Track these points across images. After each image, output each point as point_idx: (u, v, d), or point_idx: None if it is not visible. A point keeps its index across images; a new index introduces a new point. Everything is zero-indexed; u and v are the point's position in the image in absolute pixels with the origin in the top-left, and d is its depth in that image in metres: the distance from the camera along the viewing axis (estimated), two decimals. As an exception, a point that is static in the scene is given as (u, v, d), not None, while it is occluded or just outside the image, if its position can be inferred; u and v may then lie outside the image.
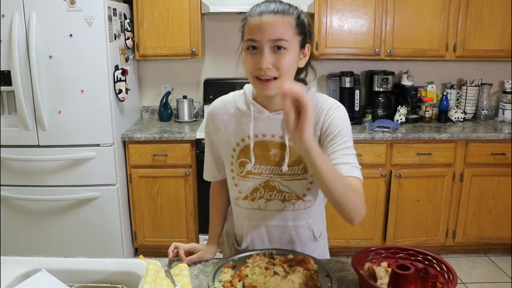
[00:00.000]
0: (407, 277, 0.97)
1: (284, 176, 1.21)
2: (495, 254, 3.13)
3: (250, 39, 1.08)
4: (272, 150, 1.20)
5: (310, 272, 1.12)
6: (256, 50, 1.08)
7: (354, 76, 3.14)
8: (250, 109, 1.20)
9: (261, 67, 1.06)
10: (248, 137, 1.20)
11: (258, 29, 1.06)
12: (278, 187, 1.23)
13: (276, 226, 1.28)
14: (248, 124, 1.20)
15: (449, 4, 2.95)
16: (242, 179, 1.25)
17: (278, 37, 1.05)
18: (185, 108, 3.21)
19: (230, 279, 1.11)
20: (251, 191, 1.25)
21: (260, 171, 1.22)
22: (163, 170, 2.88)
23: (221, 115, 1.26)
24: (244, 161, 1.22)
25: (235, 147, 1.23)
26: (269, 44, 1.06)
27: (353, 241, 3.02)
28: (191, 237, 3.01)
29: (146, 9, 2.92)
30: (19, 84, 2.52)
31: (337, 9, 2.97)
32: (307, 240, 1.31)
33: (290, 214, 1.26)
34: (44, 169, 2.70)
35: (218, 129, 1.26)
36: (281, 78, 1.08)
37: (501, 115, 3.25)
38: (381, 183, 2.91)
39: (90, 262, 1.17)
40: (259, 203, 1.26)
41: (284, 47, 1.06)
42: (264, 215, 1.27)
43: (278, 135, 1.19)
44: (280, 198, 1.24)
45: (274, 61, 1.06)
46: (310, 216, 1.28)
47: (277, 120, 1.19)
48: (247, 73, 1.13)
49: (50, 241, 2.81)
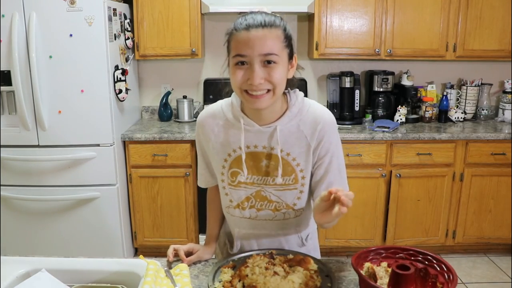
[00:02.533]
0: (407, 277, 0.97)
1: (275, 186, 1.22)
2: (495, 254, 3.13)
3: (238, 55, 1.05)
4: (264, 161, 1.21)
5: (310, 272, 1.12)
6: (245, 66, 1.06)
7: (354, 76, 3.14)
8: (240, 122, 1.19)
9: (253, 83, 1.04)
10: (240, 148, 1.20)
11: (247, 44, 1.03)
12: (269, 197, 1.24)
13: (266, 235, 1.30)
14: (239, 136, 1.19)
15: (449, 4, 2.95)
16: (233, 189, 1.25)
17: (268, 51, 1.04)
18: (185, 108, 3.21)
19: (230, 279, 1.11)
20: (242, 200, 1.26)
21: (252, 180, 1.23)
22: (163, 170, 2.88)
23: (211, 126, 1.24)
24: (236, 171, 1.22)
25: (227, 157, 1.23)
26: (259, 58, 1.04)
27: (353, 241, 3.02)
28: (191, 237, 3.01)
29: (146, 9, 2.92)
30: (19, 84, 2.52)
31: (337, 9, 2.97)
32: (295, 246, 1.32)
33: (280, 223, 1.28)
34: (44, 169, 2.70)
35: (208, 140, 1.25)
36: (275, 90, 1.07)
37: (501, 115, 3.25)
38: (381, 183, 2.91)
39: (90, 262, 1.17)
40: (250, 212, 1.27)
41: (275, 61, 1.05)
42: (254, 224, 1.29)
43: (269, 147, 1.19)
44: (271, 208, 1.25)
45: (266, 75, 1.05)
46: (299, 224, 1.31)
47: (267, 133, 1.18)
48: (234, 87, 1.10)
49: (50, 241, 2.81)
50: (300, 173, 1.21)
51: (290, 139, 1.18)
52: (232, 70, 1.09)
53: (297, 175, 1.20)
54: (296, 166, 1.20)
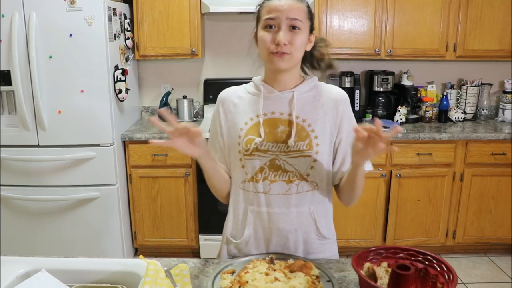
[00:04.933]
0: (407, 277, 0.97)
1: (289, 154, 1.25)
2: (495, 254, 3.13)
3: (269, 18, 1.19)
4: (280, 127, 1.26)
5: (311, 278, 1.10)
6: (273, 29, 1.19)
7: (354, 76, 3.14)
8: (260, 90, 1.28)
9: (279, 42, 1.16)
10: (257, 116, 1.27)
11: (276, 8, 1.18)
12: (283, 166, 1.26)
13: (278, 214, 1.28)
14: (258, 104, 1.28)
15: (449, 4, 2.95)
16: (248, 158, 1.27)
17: (295, 16, 1.18)
18: (185, 108, 3.21)
19: (230, 285, 1.08)
20: (256, 172, 1.27)
21: (266, 148, 1.26)
22: (163, 170, 2.88)
23: (232, 98, 1.33)
24: (251, 138, 1.26)
25: (243, 126, 1.28)
26: (287, 22, 1.18)
27: (353, 241, 3.02)
28: (191, 237, 3.01)
29: (146, 9, 2.92)
30: (19, 84, 2.52)
31: (337, 9, 2.97)
32: (310, 231, 1.30)
33: (294, 198, 1.27)
34: (44, 169, 2.70)
35: (228, 111, 1.32)
36: (294, 53, 1.19)
37: (501, 115, 3.25)
38: (381, 183, 2.91)
39: (90, 262, 1.17)
40: (263, 185, 1.27)
41: (299, 27, 1.19)
42: (267, 200, 1.28)
43: (286, 113, 1.27)
44: (285, 179, 1.26)
45: (290, 39, 1.18)
46: (312, 203, 1.29)
47: (285, 99, 1.27)
48: (262, 51, 1.22)
49: (50, 241, 2.81)
50: (315, 139, 1.25)
51: (306, 107, 1.27)
52: (260, 33, 1.22)
53: (311, 141, 1.25)
54: (311, 132, 1.25)
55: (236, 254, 1.34)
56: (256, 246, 1.32)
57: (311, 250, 1.31)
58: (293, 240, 1.29)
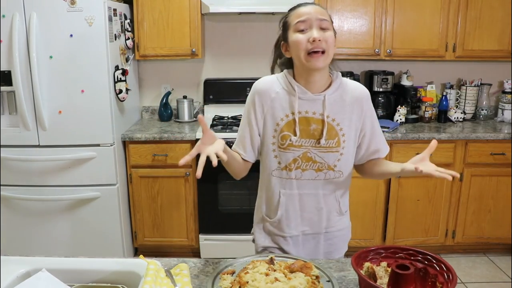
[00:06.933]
0: (407, 277, 0.98)
1: (320, 149, 1.38)
2: (495, 254, 3.13)
3: (300, 21, 1.30)
4: (313, 125, 1.38)
5: (311, 278, 1.10)
6: (304, 32, 1.30)
7: (354, 76, 3.15)
8: (295, 90, 1.37)
9: (315, 39, 1.27)
10: (292, 113, 1.37)
11: (306, 12, 1.31)
12: (314, 158, 1.39)
13: (308, 194, 1.43)
14: (293, 102, 1.37)
15: (448, 4, 2.95)
16: (283, 151, 1.39)
17: (323, 17, 1.31)
18: (185, 108, 3.21)
19: (230, 285, 1.08)
20: (290, 162, 1.40)
21: (300, 143, 1.38)
22: (163, 170, 2.88)
23: (269, 92, 1.41)
24: (286, 135, 1.38)
25: (279, 121, 1.39)
26: (317, 23, 1.29)
27: (353, 241, 2.96)
28: (191, 237, 3.01)
29: (146, 9, 2.92)
30: (19, 84, 2.53)
31: (336, 9, 2.98)
32: (332, 210, 1.47)
33: (321, 183, 1.43)
34: (44, 169, 2.70)
35: (264, 104, 1.41)
36: (328, 51, 1.29)
37: (501, 115, 3.25)
38: (381, 183, 2.91)
39: (90, 262, 1.17)
40: (295, 173, 1.41)
41: (327, 27, 1.31)
42: (298, 184, 1.42)
43: (319, 113, 1.37)
44: (314, 168, 1.40)
45: (323, 36, 1.29)
46: (337, 188, 1.45)
47: (318, 100, 1.37)
48: (298, 52, 1.31)
49: (50, 241, 2.81)
50: (342, 137, 1.39)
51: (335, 107, 1.38)
52: (293, 37, 1.31)
53: (339, 138, 1.39)
54: (339, 130, 1.39)
55: (272, 231, 1.49)
56: (287, 224, 1.46)
57: (331, 225, 1.49)
58: (318, 218, 1.46)
